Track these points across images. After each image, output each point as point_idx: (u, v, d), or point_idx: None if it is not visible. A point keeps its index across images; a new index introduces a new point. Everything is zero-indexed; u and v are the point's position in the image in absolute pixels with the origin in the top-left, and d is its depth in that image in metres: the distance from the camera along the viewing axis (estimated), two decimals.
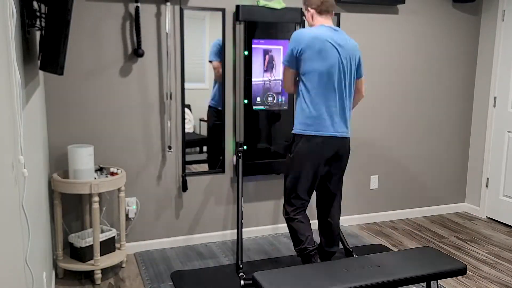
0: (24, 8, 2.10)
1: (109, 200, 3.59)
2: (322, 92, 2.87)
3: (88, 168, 3.13)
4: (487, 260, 3.65)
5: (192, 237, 3.87)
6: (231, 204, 3.96)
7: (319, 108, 2.89)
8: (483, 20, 4.51)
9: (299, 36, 2.85)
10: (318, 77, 2.86)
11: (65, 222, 3.47)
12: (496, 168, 4.47)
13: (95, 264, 3.16)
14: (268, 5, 3.66)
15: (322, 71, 2.85)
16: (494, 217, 4.53)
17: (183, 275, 3.31)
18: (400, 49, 4.29)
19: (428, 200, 4.67)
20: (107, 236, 3.32)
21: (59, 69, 2.21)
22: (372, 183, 4.40)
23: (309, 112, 2.90)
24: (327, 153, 2.96)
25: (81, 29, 3.33)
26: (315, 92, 2.87)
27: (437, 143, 4.60)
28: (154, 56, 3.53)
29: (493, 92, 4.45)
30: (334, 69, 2.86)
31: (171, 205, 3.77)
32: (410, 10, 4.25)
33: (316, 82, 2.86)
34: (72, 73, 3.36)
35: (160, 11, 3.49)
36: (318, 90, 2.87)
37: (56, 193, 3.17)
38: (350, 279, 2.44)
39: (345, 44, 2.90)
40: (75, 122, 3.42)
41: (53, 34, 2.15)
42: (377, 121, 4.32)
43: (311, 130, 2.91)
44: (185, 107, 3.67)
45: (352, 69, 2.95)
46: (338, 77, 2.88)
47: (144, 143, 3.61)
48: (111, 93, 3.47)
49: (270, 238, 4.02)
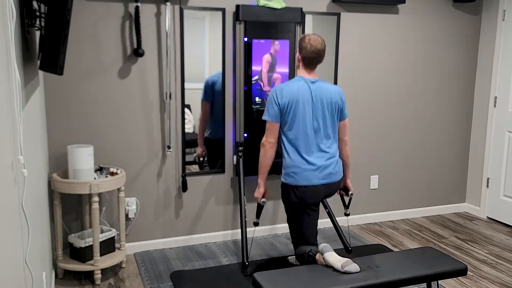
0: (23, 8, 2.10)
1: (109, 200, 3.58)
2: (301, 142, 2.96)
3: (87, 168, 3.13)
4: (487, 260, 3.65)
5: (192, 237, 3.87)
6: (231, 204, 3.95)
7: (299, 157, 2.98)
8: (484, 20, 4.50)
9: (278, 92, 2.95)
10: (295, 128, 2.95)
11: (64, 222, 3.46)
12: (497, 168, 4.47)
13: (95, 264, 3.16)
14: (268, 4, 3.65)
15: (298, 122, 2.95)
16: (495, 217, 4.52)
17: (182, 275, 3.30)
18: (400, 49, 4.28)
19: (428, 200, 4.66)
20: (107, 236, 3.31)
21: (59, 69, 2.21)
22: (372, 183, 4.40)
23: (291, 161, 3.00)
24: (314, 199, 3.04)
25: (81, 29, 3.33)
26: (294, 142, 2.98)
27: (437, 143, 4.59)
28: (154, 56, 3.53)
29: (494, 92, 4.45)
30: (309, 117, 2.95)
31: (171, 205, 3.77)
32: (410, 10, 4.24)
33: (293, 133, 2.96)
34: (71, 73, 3.36)
35: (160, 11, 3.49)
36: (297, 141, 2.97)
37: (56, 193, 3.16)
38: (350, 279, 2.44)
39: (323, 92, 2.98)
40: (75, 122, 3.41)
41: (52, 34, 2.15)
42: (377, 120, 4.31)
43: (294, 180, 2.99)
44: (185, 107, 3.67)
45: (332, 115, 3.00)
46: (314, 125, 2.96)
47: (144, 143, 3.61)
48: (111, 93, 3.47)
49: (270, 238, 4.02)
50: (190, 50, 3.60)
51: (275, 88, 2.98)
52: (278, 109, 2.95)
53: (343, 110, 3.07)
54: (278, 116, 2.97)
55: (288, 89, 2.95)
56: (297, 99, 2.92)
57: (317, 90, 2.97)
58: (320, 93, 2.97)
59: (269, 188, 4.03)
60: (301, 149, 2.96)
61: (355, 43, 4.10)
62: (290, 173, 2.98)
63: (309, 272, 2.51)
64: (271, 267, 3.43)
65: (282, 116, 2.97)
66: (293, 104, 2.92)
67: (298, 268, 2.57)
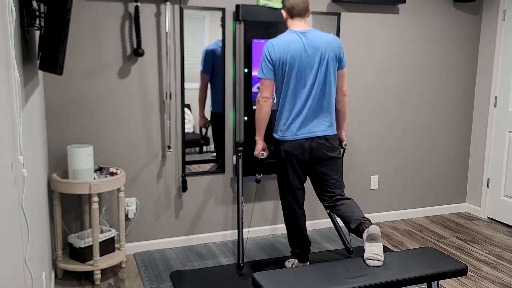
0: (23, 7, 2.09)
1: (108, 200, 3.58)
2: (292, 96, 2.98)
3: (87, 168, 3.12)
4: (488, 261, 3.64)
5: (192, 237, 3.86)
6: (231, 205, 3.95)
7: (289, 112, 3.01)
8: (484, 20, 4.50)
9: (270, 48, 2.97)
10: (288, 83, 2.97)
11: (64, 223, 3.46)
12: (497, 168, 4.46)
13: (95, 264, 3.15)
14: (268, 4, 3.65)
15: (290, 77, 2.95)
16: (495, 217, 4.52)
17: (182, 275, 3.30)
18: (400, 49, 4.28)
19: (428, 200, 4.66)
20: (107, 236, 3.31)
21: (59, 69, 2.21)
22: (372, 183, 4.39)
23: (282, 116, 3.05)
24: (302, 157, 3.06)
25: (80, 29, 3.32)
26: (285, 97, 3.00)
27: (437, 143, 4.59)
28: (154, 56, 3.52)
29: (494, 92, 4.44)
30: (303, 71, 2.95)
31: (171, 205, 3.76)
32: (410, 10, 4.24)
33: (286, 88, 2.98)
34: (71, 73, 3.35)
35: (159, 11, 3.48)
36: (288, 96, 2.99)
37: (56, 193, 3.16)
38: (350, 280, 2.43)
39: (317, 43, 2.96)
40: (75, 122, 3.41)
41: (52, 34, 2.15)
42: (377, 120, 4.31)
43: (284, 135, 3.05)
44: (185, 107, 3.66)
45: (328, 65, 2.98)
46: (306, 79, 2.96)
47: (144, 143, 3.60)
48: (110, 93, 3.46)
49: (269, 238, 4.01)
50: (190, 50, 3.59)
51: (266, 44, 2.98)
52: (270, 64, 2.96)
53: (342, 59, 3.05)
54: (271, 72, 2.97)
55: (279, 43, 2.94)
56: (289, 53, 2.92)
57: (310, 40, 2.95)
58: (314, 43, 2.94)
59: (269, 188, 4.03)
60: (291, 104, 2.98)
61: (355, 43, 4.10)
62: (281, 127, 3.04)
63: (309, 272, 2.50)
64: (271, 267, 3.42)
65: (276, 71, 2.96)
66: (286, 58, 2.91)
67: (298, 268, 2.57)
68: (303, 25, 3.02)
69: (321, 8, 3.92)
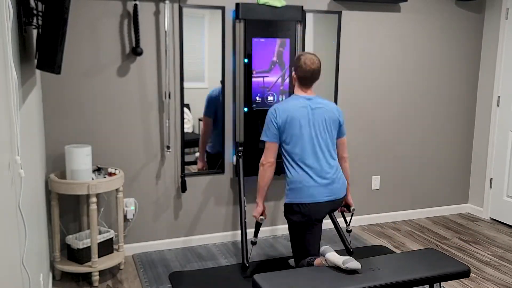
0: (20, 6, 2.09)
1: (107, 201, 3.55)
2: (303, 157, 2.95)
3: (85, 169, 3.10)
4: (490, 262, 3.62)
5: (191, 238, 3.84)
6: (231, 205, 3.92)
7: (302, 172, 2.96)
8: (487, 18, 4.47)
9: (275, 111, 2.98)
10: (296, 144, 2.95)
11: (62, 223, 3.43)
12: (500, 168, 4.43)
13: (93, 266, 3.12)
14: (268, 3, 3.62)
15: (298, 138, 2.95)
16: (498, 218, 4.49)
17: (181, 277, 3.27)
18: (402, 48, 4.25)
19: (430, 201, 4.63)
20: (105, 237, 3.28)
21: (56, 68, 2.20)
22: (374, 183, 4.36)
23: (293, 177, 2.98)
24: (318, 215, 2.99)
25: (78, 28, 3.30)
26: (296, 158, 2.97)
27: (440, 143, 4.56)
28: (152, 55, 3.50)
29: (497, 91, 4.41)
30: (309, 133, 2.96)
31: (170, 206, 3.73)
32: (412, 8, 4.21)
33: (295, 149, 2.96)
34: (69, 72, 3.33)
35: (158, 9, 3.45)
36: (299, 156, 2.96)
37: (53, 193, 3.13)
38: (351, 281, 2.42)
39: (321, 107, 3.00)
40: (73, 122, 3.38)
41: (50, 33, 2.14)
42: (379, 120, 4.28)
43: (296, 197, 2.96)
44: (184, 107, 3.64)
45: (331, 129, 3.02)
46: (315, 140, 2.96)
47: (142, 143, 3.57)
48: (109, 92, 3.43)
49: (270, 239, 3.99)
50: (189, 49, 3.56)
51: (272, 107, 3.02)
52: (276, 128, 2.98)
53: (341, 127, 3.10)
54: (276, 135, 3.00)
55: (285, 107, 2.98)
56: (294, 116, 2.95)
57: (315, 105, 3.00)
58: (318, 108, 3.00)
59: (269, 189, 3.99)
60: (303, 165, 2.95)
61: (356, 41, 4.07)
62: (294, 189, 2.95)
63: (309, 274, 2.49)
64: (271, 269, 3.40)
65: (281, 133, 2.99)
66: (291, 120, 2.95)
67: (298, 270, 2.55)
68: (310, 92, 3.06)
69: (322, 6, 3.89)
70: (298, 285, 2.37)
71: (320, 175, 2.94)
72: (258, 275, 2.45)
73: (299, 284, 2.38)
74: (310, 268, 2.58)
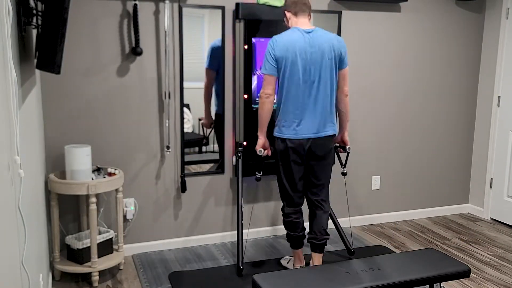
0: (20, 6, 2.08)
1: (106, 201, 3.54)
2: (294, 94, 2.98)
3: (85, 169, 3.09)
4: (491, 262, 3.61)
5: (191, 238, 3.83)
6: (231, 205, 3.91)
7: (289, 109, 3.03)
8: (487, 18, 4.46)
9: (273, 44, 2.98)
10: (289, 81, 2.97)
11: (62, 224, 3.43)
12: (500, 168, 4.43)
13: (93, 266, 3.12)
14: (268, 3, 3.61)
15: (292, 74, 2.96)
16: (498, 218, 4.48)
17: (181, 277, 3.27)
18: (402, 48, 4.24)
19: (431, 201, 4.62)
20: (105, 237, 3.27)
21: (56, 68, 2.20)
22: (374, 183, 4.36)
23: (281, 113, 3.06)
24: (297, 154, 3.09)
25: (78, 27, 3.29)
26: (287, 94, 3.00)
27: (440, 143, 4.56)
28: (152, 55, 3.49)
29: (497, 91, 4.41)
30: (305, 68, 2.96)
31: (170, 206, 3.73)
32: (412, 8, 4.20)
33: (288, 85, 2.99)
34: (69, 72, 3.32)
35: (158, 9, 3.45)
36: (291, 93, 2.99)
37: (53, 194, 3.12)
38: (351, 282, 2.41)
39: (320, 42, 2.97)
40: (72, 122, 3.37)
41: (49, 33, 2.13)
42: (379, 120, 4.28)
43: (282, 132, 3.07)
44: (184, 107, 3.63)
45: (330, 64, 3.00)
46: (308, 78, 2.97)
47: (142, 143, 3.57)
48: (108, 92, 3.43)
49: (270, 239, 3.98)
50: (189, 49, 3.56)
51: (270, 40, 3.01)
52: (274, 60, 2.98)
53: (344, 58, 3.06)
54: (274, 68, 2.99)
55: (283, 40, 2.95)
56: (292, 51, 2.94)
57: (313, 39, 2.97)
58: (317, 42, 2.97)
59: (268, 188, 3.99)
60: (292, 102, 2.99)
61: (357, 41, 4.06)
62: (279, 125, 3.05)
63: (310, 274, 2.48)
64: (271, 269, 3.39)
65: (278, 67, 2.98)
66: (289, 55, 2.94)
67: (298, 270, 2.54)
68: (307, 23, 3.03)
69: (322, 6, 3.88)
70: (298, 285, 2.36)
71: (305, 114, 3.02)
72: (258, 275, 2.45)
73: (299, 284, 2.37)
74: (311, 268, 2.57)
